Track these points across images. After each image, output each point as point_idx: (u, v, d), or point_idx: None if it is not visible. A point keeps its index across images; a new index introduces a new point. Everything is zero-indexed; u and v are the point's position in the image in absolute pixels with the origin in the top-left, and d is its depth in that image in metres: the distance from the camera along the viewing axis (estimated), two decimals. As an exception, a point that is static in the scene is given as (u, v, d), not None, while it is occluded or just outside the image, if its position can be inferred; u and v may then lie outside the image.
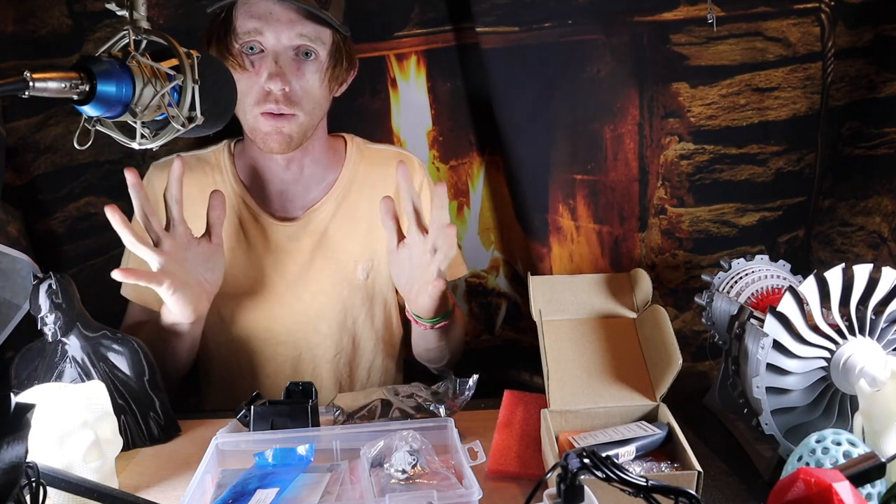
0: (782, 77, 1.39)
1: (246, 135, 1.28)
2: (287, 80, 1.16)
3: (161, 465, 1.00)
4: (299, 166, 1.29)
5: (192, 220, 1.23)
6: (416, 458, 0.87)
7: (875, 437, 0.75)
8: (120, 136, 0.78)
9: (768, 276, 1.07)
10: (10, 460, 0.61)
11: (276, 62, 1.16)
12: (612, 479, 0.59)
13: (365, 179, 1.34)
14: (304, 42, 1.17)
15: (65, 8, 1.34)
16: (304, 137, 1.23)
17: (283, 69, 1.16)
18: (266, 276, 1.29)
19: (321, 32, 1.19)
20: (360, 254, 1.31)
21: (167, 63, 0.75)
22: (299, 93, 1.18)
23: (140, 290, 1.25)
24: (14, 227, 1.19)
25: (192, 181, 1.27)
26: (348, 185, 1.33)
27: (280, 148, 1.20)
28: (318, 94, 1.21)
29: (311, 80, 1.20)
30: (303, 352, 1.32)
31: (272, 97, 1.16)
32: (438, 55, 1.52)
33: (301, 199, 1.32)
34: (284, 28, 1.15)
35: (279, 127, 1.19)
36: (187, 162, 1.28)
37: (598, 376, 0.98)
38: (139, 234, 1.09)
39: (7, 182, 1.21)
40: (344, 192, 1.33)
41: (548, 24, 1.41)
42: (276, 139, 1.19)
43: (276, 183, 1.30)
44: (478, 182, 1.61)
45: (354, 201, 1.33)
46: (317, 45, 1.18)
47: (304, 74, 1.19)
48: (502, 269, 1.66)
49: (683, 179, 1.45)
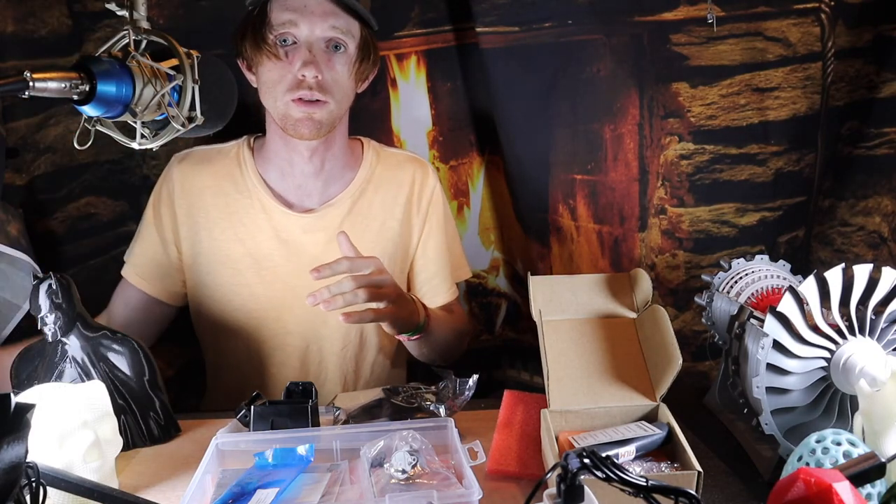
0: (782, 77, 1.39)
1: (271, 127, 1.31)
2: (320, 68, 1.21)
3: (161, 465, 1.00)
4: (321, 160, 1.32)
5: (208, 210, 1.29)
6: (416, 458, 0.87)
7: (875, 437, 0.75)
8: (120, 136, 0.78)
9: (768, 276, 1.07)
10: (10, 460, 0.60)
11: (310, 51, 1.21)
12: (612, 479, 0.58)
13: (380, 180, 1.37)
14: (336, 35, 1.22)
15: (65, 8, 1.34)
16: (332, 126, 1.27)
17: (316, 58, 1.21)
18: (279, 266, 1.30)
19: (352, 25, 1.25)
20: (370, 251, 1.32)
21: (167, 63, 0.75)
22: (330, 82, 1.23)
23: (157, 281, 1.32)
24: (14, 227, 1.19)
25: (211, 173, 1.32)
26: (365, 184, 1.36)
27: (310, 134, 1.24)
28: (346, 86, 1.27)
29: (340, 71, 1.25)
30: (311, 343, 1.33)
31: (305, 84, 1.21)
32: (438, 55, 1.52)
33: (319, 193, 1.34)
34: (318, 20, 1.21)
35: (311, 113, 1.23)
36: (208, 154, 1.35)
37: (598, 376, 0.97)
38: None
39: (7, 182, 1.22)
40: (360, 191, 1.35)
41: (548, 24, 1.42)
42: (307, 125, 1.23)
43: (296, 176, 1.32)
44: (478, 182, 1.61)
45: (369, 200, 1.35)
46: (347, 37, 1.24)
47: (335, 66, 1.24)
48: (502, 269, 1.66)
49: (683, 179, 1.45)
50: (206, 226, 1.31)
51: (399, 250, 1.37)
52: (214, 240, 1.30)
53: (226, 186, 1.32)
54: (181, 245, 1.32)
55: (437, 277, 1.41)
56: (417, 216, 1.39)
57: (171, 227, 1.32)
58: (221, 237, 1.30)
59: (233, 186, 1.32)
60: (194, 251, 1.31)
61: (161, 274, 1.33)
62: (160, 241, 1.32)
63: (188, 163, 1.33)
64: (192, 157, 1.34)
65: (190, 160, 1.34)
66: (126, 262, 1.34)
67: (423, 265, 1.41)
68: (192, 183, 1.31)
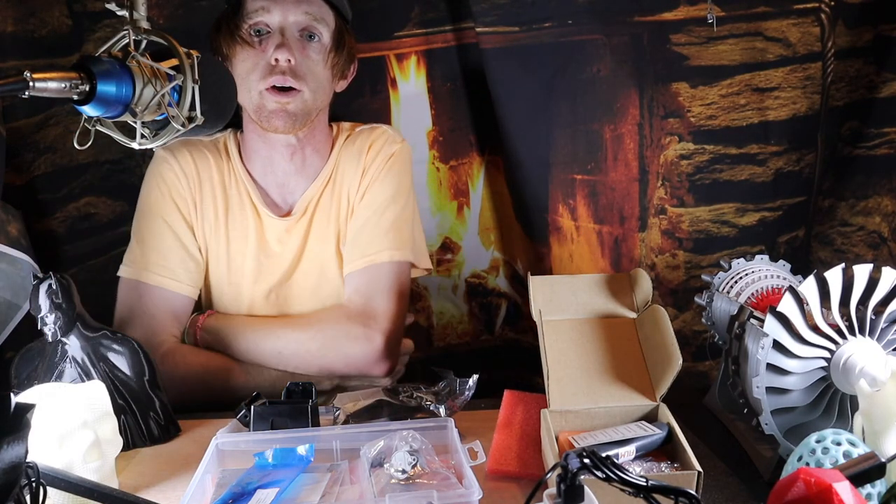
0: (782, 77, 1.39)
1: (248, 126, 1.30)
2: (293, 52, 1.20)
3: (161, 465, 1.00)
4: (302, 157, 1.31)
5: (206, 201, 1.28)
6: (416, 458, 0.87)
7: (875, 437, 0.75)
8: (120, 136, 0.78)
9: (768, 276, 1.07)
10: (10, 460, 0.60)
11: (283, 35, 1.20)
12: (612, 479, 0.58)
13: (346, 158, 1.33)
14: (308, 21, 1.22)
15: (65, 8, 1.34)
16: (308, 119, 1.25)
17: (289, 41, 1.20)
18: (264, 267, 1.31)
19: (325, 13, 1.24)
20: (342, 234, 1.33)
21: (167, 63, 0.75)
22: (303, 69, 1.22)
23: (184, 273, 1.28)
24: (14, 227, 1.19)
25: (202, 163, 1.31)
26: (333, 171, 1.33)
27: (284, 126, 1.22)
28: (321, 75, 1.24)
29: (315, 59, 1.23)
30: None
31: (278, 68, 1.19)
32: (438, 55, 1.52)
33: (301, 190, 1.32)
34: (291, 6, 1.21)
35: (284, 104, 1.21)
36: (202, 143, 1.32)
37: (598, 376, 0.97)
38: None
39: (7, 182, 1.21)
40: (331, 178, 1.33)
41: (548, 24, 1.41)
42: (280, 116, 1.22)
43: (278, 175, 1.32)
44: (478, 182, 1.61)
45: (338, 184, 1.32)
46: (321, 25, 1.23)
47: (309, 54, 1.23)
48: (502, 269, 1.66)
49: (683, 179, 1.45)
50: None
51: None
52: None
53: (213, 177, 1.31)
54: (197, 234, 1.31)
55: (351, 244, 1.30)
56: (364, 178, 1.32)
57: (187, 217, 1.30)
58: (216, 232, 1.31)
59: (221, 178, 1.31)
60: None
61: (194, 270, 1.31)
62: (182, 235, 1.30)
63: (176, 152, 1.31)
64: (180, 145, 1.31)
65: (180, 148, 1.31)
66: (153, 272, 1.26)
67: (351, 226, 1.31)
68: (193, 171, 1.31)
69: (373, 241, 1.28)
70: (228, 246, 1.31)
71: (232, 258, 1.31)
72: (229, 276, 1.31)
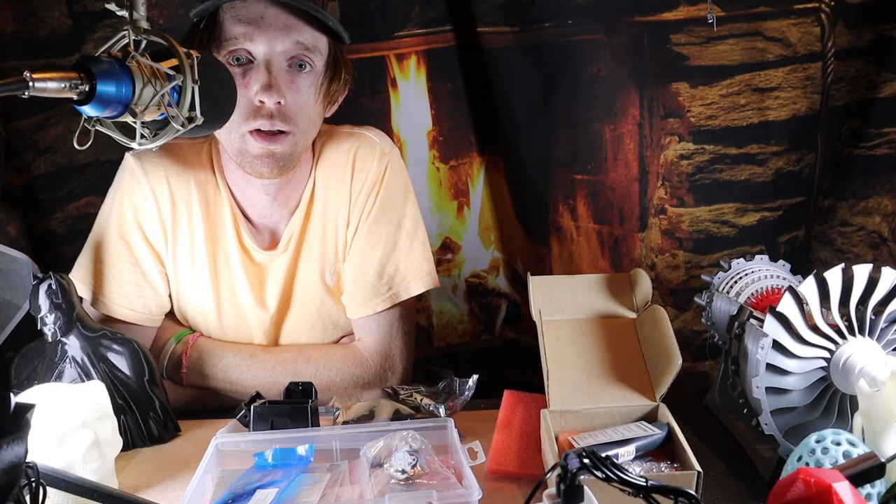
0: (782, 77, 1.39)
1: (224, 156, 1.15)
2: (281, 92, 1.03)
3: (161, 465, 1.00)
4: (286, 195, 1.16)
5: (181, 226, 1.17)
6: (415, 459, 0.87)
7: (875, 437, 0.75)
8: (120, 136, 0.78)
9: (768, 276, 1.07)
10: (10, 460, 0.60)
11: (270, 71, 1.03)
12: (611, 479, 0.58)
13: (327, 186, 1.19)
14: (299, 52, 1.05)
15: (65, 8, 1.34)
16: (296, 162, 1.10)
17: (276, 80, 1.03)
18: (253, 299, 1.20)
19: (318, 40, 1.07)
20: (326, 259, 1.21)
21: (167, 63, 0.75)
22: (293, 108, 1.05)
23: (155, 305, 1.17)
24: (14, 227, 1.20)
25: (177, 182, 1.16)
26: (312, 193, 1.19)
27: (271, 172, 1.07)
28: (312, 112, 1.09)
29: (306, 94, 1.07)
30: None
31: (264, 111, 1.03)
32: (438, 55, 1.52)
33: (284, 223, 1.19)
34: (278, 34, 1.03)
35: (271, 149, 1.05)
36: (185, 152, 1.17)
37: (598, 376, 0.97)
38: None
39: (7, 182, 1.22)
40: (311, 202, 1.19)
41: (548, 24, 1.42)
42: (266, 163, 1.06)
43: (257, 208, 1.18)
44: (478, 182, 1.61)
45: (320, 209, 1.19)
46: (313, 55, 1.07)
47: (299, 88, 1.06)
48: (502, 269, 1.66)
49: (683, 179, 1.45)
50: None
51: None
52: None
53: (199, 195, 1.16)
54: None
55: (353, 288, 1.18)
56: (354, 208, 1.17)
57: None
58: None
59: (203, 196, 1.17)
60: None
61: (150, 298, 1.18)
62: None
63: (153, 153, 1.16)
64: (155, 157, 1.16)
65: (153, 162, 1.16)
66: (106, 298, 1.14)
67: (346, 269, 1.19)
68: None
69: (379, 288, 1.18)
70: (213, 275, 1.18)
71: (219, 289, 1.19)
72: (219, 307, 1.19)
